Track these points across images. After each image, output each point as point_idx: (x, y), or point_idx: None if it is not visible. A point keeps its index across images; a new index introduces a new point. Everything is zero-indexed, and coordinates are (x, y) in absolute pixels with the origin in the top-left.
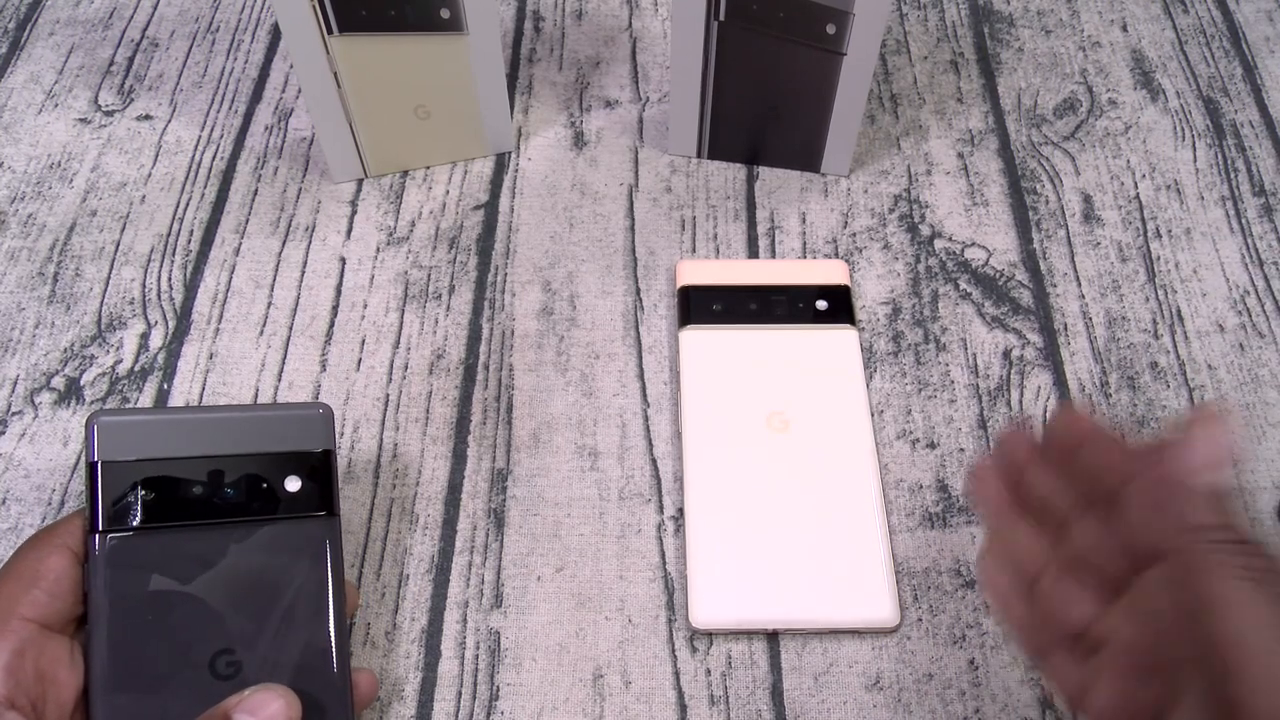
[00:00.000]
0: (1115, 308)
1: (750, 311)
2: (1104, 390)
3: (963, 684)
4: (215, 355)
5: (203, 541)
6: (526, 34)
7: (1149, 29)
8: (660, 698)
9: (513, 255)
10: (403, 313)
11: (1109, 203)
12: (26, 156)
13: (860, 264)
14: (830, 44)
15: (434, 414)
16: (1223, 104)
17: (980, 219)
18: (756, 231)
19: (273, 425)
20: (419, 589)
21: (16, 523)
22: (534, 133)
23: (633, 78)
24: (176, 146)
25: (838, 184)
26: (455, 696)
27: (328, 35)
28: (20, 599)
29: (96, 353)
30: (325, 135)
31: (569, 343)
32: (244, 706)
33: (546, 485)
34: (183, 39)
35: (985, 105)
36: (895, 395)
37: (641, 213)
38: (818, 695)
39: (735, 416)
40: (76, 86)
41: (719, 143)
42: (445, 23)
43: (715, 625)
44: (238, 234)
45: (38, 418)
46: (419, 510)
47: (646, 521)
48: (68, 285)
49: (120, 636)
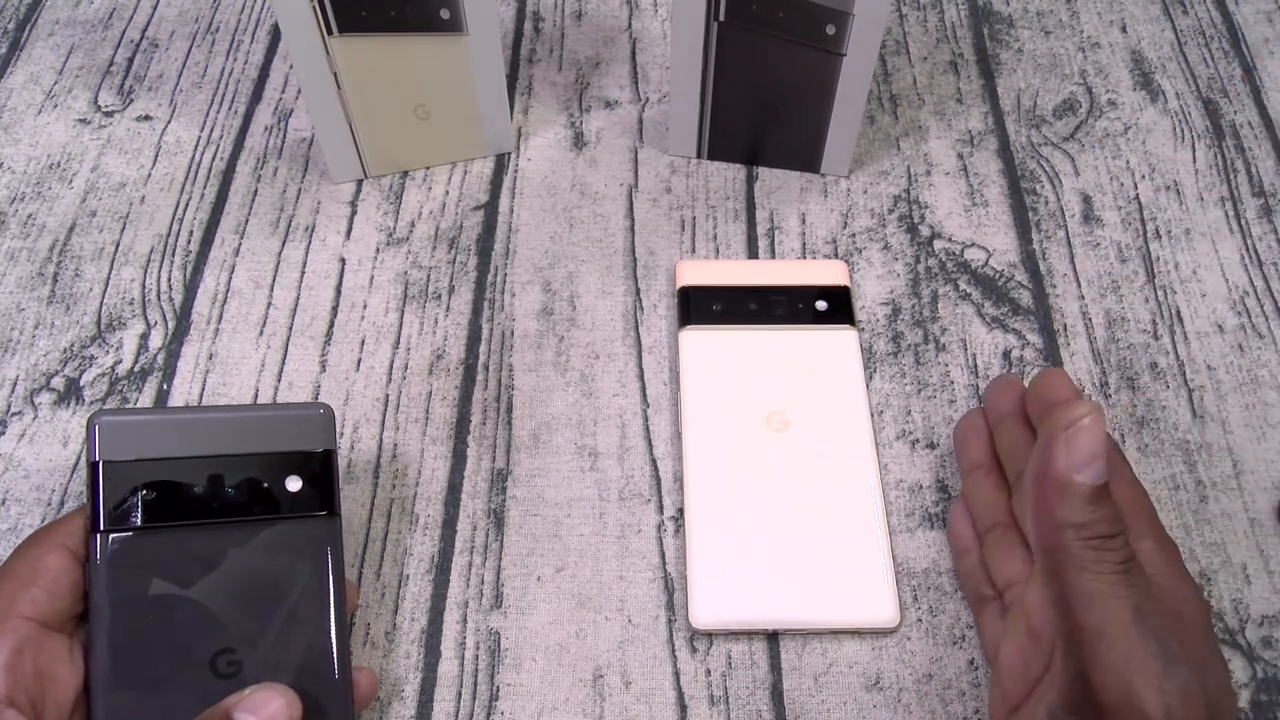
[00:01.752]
0: (1115, 308)
1: (750, 312)
2: (1104, 391)
3: (963, 684)
4: (215, 355)
5: (204, 541)
6: (526, 34)
7: (1148, 30)
8: (660, 698)
9: (512, 255)
10: (402, 313)
11: (1108, 203)
12: (26, 157)
13: (860, 264)
14: (830, 44)
15: (434, 414)
16: (1222, 105)
17: (980, 219)
18: (756, 232)
19: (274, 425)
20: (419, 589)
21: (16, 523)
22: (534, 133)
23: (632, 78)
24: (176, 147)
25: (837, 184)
26: (455, 697)
27: (328, 36)
28: (19, 598)
29: (96, 353)
30: (325, 135)
31: (569, 343)
32: (244, 705)
33: (546, 485)
34: (183, 39)
35: (985, 106)
36: (895, 395)
37: (641, 213)
38: (818, 695)
39: (735, 417)
40: (76, 87)
41: (719, 143)
42: (445, 23)
43: (715, 625)
44: (237, 234)
45: (37, 418)
46: (419, 510)
47: (646, 522)
48: (67, 285)
49: (121, 636)
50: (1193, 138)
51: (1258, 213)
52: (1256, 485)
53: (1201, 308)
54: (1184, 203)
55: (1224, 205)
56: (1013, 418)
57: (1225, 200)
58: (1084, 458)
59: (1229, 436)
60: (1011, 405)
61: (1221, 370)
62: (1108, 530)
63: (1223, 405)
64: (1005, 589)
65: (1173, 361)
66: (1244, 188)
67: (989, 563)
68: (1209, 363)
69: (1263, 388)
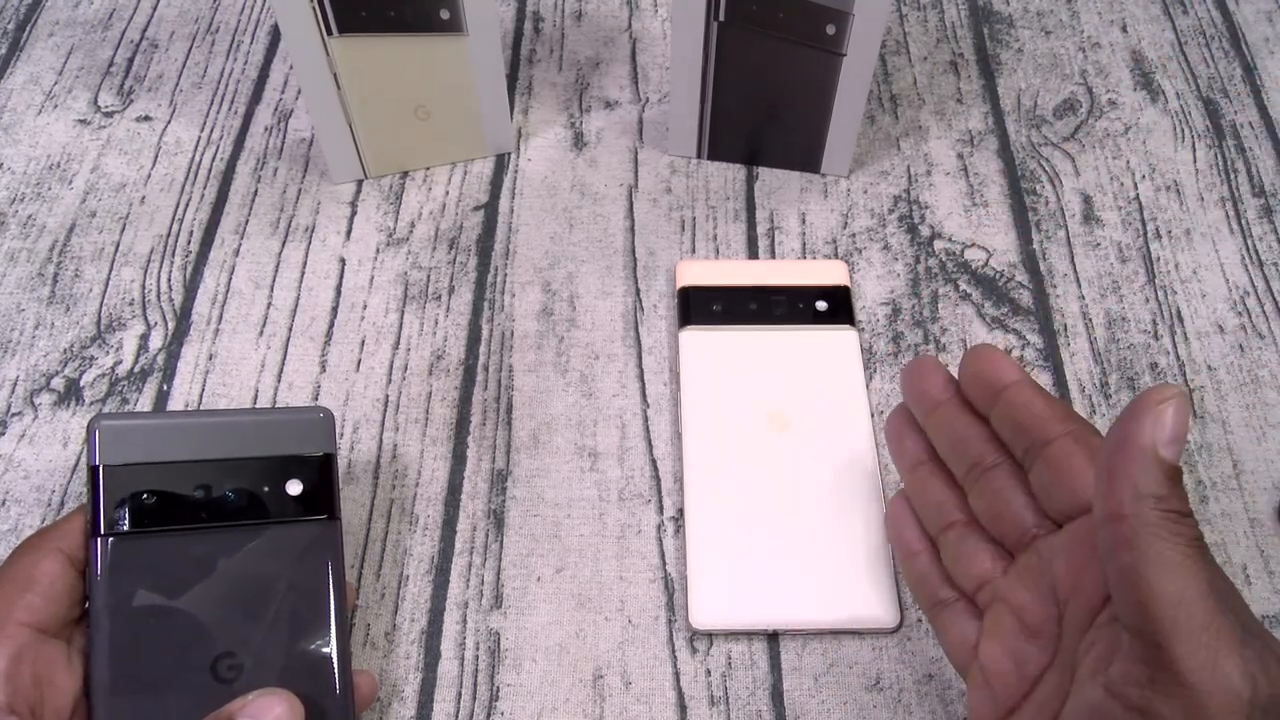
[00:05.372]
0: (1115, 308)
1: (750, 312)
2: (1104, 391)
3: (963, 685)
4: (215, 356)
5: (204, 545)
6: (526, 34)
7: (1149, 30)
8: (660, 698)
9: (512, 256)
10: (402, 313)
11: (1109, 203)
12: (26, 157)
13: (860, 264)
14: (830, 44)
15: (434, 415)
16: (1222, 105)
17: (980, 220)
18: (756, 232)
19: (274, 429)
20: (419, 590)
21: (16, 524)
22: (534, 133)
23: (632, 78)
24: (176, 147)
25: (837, 184)
26: (455, 697)
27: (327, 36)
28: (16, 604)
29: (96, 354)
30: (325, 136)
31: (569, 343)
32: (247, 711)
33: (546, 486)
34: (182, 40)
35: (985, 106)
36: (895, 396)
37: (641, 213)
38: (818, 696)
39: (735, 417)
40: (76, 87)
41: (719, 143)
42: (445, 23)
43: (715, 626)
44: (237, 235)
45: (37, 419)
46: (419, 511)
47: (646, 522)
48: (67, 286)
49: (122, 640)
50: (1193, 138)
51: (1258, 213)
52: (1256, 485)
53: (1202, 308)
54: (1184, 203)
55: (1224, 205)
56: (947, 406)
57: (1225, 200)
58: (1170, 435)
59: (1229, 436)
60: (941, 393)
61: (1222, 370)
62: (1183, 508)
63: (1223, 405)
64: (975, 590)
65: (1173, 361)
66: (1244, 188)
67: (949, 564)
68: (1209, 363)
69: (1263, 388)
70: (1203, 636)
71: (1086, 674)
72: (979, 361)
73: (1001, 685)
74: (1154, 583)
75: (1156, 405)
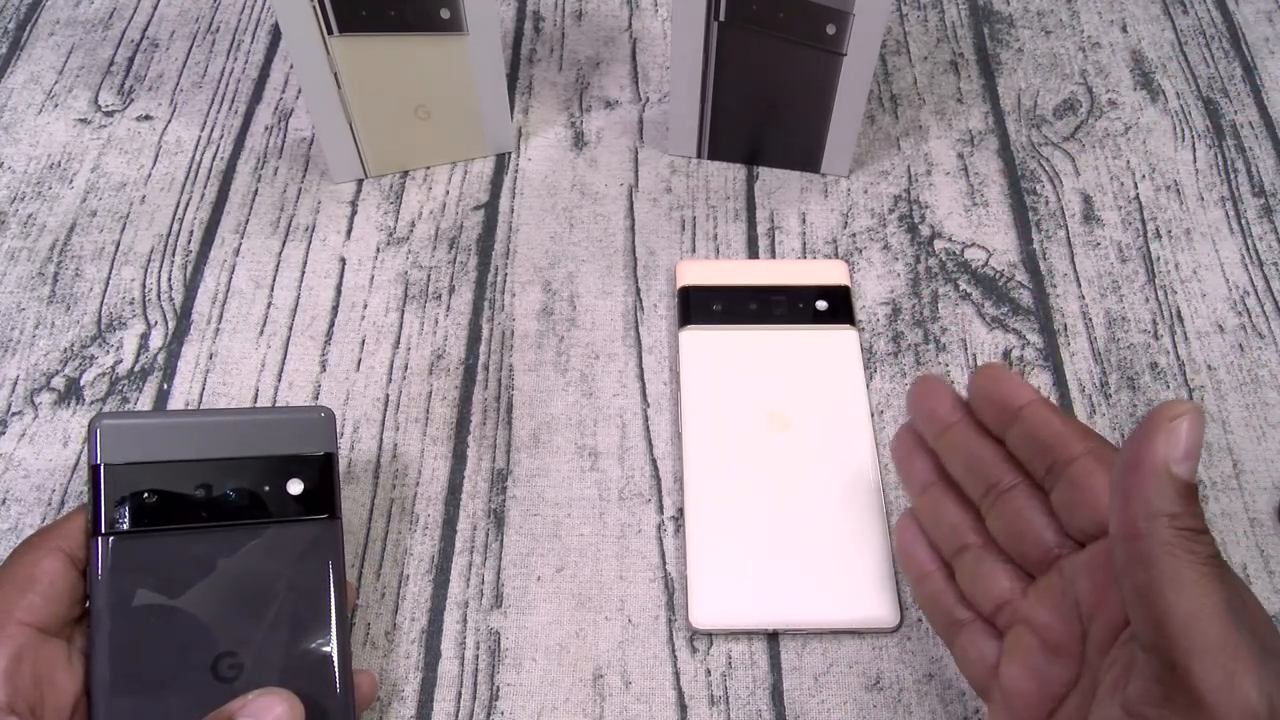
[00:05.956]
0: (1115, 308)
1: (750, 312)
2: (1104, 391)
3: (963, 684)
4: (215, 355)
5: (204, 544)
6: (526, 34)
7: (1149, 29)
8: (660, 698)
9: (513, 255)
10: (403, 313)
11: (1109, 203)
12: (26, 157)
13: (860, 264)
14: (830, 44)
15: (434, 414)
16: (1222, 105)
17: (980, 219)
18: (756, 232)
19: (275, 429)
20: (419, 589)
21: (16, 523)
22: (534, 133)
23: (633, 78)
24: (176, 147)
25: (838, 184)
26: (455, 697)
27: (328, 35)
28: (16, 604)
29: (96, 353)
30: (325, 135)
31: (569, 343)
32: (247, 710)
33: (546, 485)
34: (183, 39)
35: (985, 106)
36: (895, 395)
37: (641, 213)
38: (818, 695)
39: (735, 417)
40: (76, 87)
41: (719, 143)
42: (445, 23)
43: (715, 625)
44: (238, 234)
45: (38, 418)
46: (419, 510)
47: (646, 522)
48: (68, 285)
49: (122, 639)
50: (1193, 138)
51: (1258, 213)
52: (1256, 485)
53: (1202, 308)
54: (1184, 202)
55: (1224, 205)
56: (959, 427)
57: (1225, 200)
58: (1184, 451)
59: (1229, 436)
60: (951, 414)
61: (1222, 370)
62: (1198, 525)
63: (1223, 405)
64: (993, 611)
65: (1173, 361)
66: (1244, 188)
67: (965, 585)
68: (1209, 363)
69: (1263, 388)
70: (1219, 655)
71: (1105, 693)
72: (991, 382)
73: (1023, 706)
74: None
75: (1169, 421)
